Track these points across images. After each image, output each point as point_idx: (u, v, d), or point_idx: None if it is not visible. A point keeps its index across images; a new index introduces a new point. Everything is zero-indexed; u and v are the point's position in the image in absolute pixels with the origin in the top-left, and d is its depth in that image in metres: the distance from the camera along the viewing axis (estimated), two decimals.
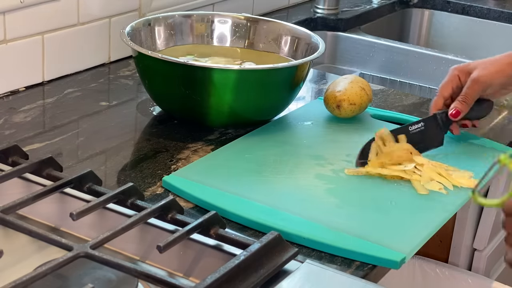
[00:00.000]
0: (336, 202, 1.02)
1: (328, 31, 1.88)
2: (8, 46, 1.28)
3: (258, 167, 1.10)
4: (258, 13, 1.80)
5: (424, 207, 1.03)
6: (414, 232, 0.97)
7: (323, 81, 1.51)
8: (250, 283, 0.79)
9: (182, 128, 1.22)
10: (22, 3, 1.27)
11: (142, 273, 0.77)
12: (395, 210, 1.02)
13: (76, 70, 1.41)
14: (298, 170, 1.10)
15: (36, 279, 0.74)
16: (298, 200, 1.02)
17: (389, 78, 1.84)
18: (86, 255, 0.78)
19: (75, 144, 1.16)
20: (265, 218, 0.96)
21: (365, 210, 1.01)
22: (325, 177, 1.08)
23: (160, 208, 0.88)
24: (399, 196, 1.05)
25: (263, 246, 0.82)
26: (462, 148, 1.22)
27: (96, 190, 0.92)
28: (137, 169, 1.09)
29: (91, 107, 1.28)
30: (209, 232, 0.85)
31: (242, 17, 1.40)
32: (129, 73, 1.44)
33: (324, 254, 0.92)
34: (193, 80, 1.17)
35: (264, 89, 1.20)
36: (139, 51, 1.19)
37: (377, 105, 1.37)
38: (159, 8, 1.53)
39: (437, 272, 1.29)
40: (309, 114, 1.29)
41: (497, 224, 1.38)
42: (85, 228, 0.91)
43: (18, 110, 1.24)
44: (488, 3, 2.11)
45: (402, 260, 0.90)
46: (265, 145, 1.17)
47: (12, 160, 0.98)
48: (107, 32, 1.46)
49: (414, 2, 2.15)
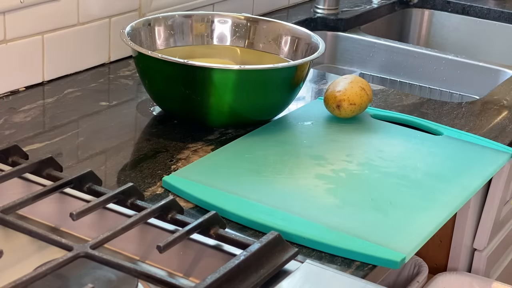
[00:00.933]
0: (336, 202, 1.02)
1: (328, 31, 1.88)
2: (8, 46, 1.28)
3: (258, 167, 1.10)
4: (258, 13, 1.80)
5: (424, 207, 1.03)
6: (414, 232, 0.97)
7: (323, 81, 1.51)
8: (250, 283, 0.79)
9: (182, 128, 1.22)
10: (22, 3, 1.27)
11: (142, 273, 0.77)
12: (395, 210, 1.02)
13: (76, 70, 1.41)
14: (298, 170, 1.10)
15: (36, 279, 0.74)
16: (298, 200, 1.02)
17: (389, 78, 1.84)
18: (86, 255, 0.78)
19: (75, 144, 1.16)
20: (265, 218, 0.96)
21: (365, 210, 1.01)
22: (325, 177, 1.08)
23: (160, 208, 0.88)
24: (399, 196, 1.05)
25: (263, 246, 0.82)
26: (462, 148, 1.22)
27: (96, 190, 0.92)
28: (137, 169, 1.09)
29: (91, 107, 1.28)
30: (209, 232, 0.85)
31: (242, 17, 1.40)
32: (129, 73, 1.44)
33: (324, 254, 0.92)
34: (193, 80, 1.17)
35: (264, 89, 1.20)
36: (139, 51, 1.19)
37: (377, 105, 1.37)
38: (159, 8, 1.53)
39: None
40: (309, 114, 1.29)
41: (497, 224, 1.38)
42: (85, 228, 0.91)
43: (18, 110, 1.24)
44: (488, 3, 2.11)
45: (402, 260, 0.91)
46: (265, 145, 1.17)
47: (12, 160, 0.98)
48: (107, 32, 1.46)
49: (414, 2, 2.15)
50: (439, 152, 1.20)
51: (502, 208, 1.38)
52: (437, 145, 1.22)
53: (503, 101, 1.44)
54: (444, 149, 1.21)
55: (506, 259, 1.51)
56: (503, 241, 1.44)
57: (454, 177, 1.12)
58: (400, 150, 1.19)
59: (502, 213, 1.39)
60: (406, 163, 1.15)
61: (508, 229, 1.47)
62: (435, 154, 1.19)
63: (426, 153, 1.19)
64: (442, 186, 1.09)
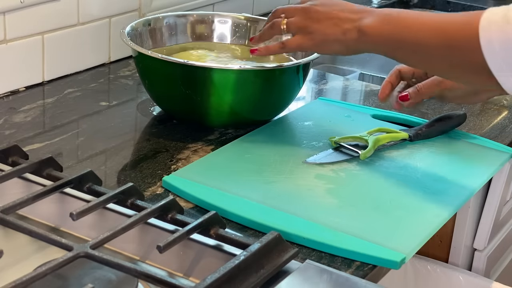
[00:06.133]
0: (336, 202, 1.02)
1: None
2: (8, 46, 1.28)
3: (258, 167, 1.10)
4: (258, 13, 1.80)
5: (424, 207, 1.03)
6: (414, 232, 0.97)
7: (323, 81, 1.51)
8: (250, 283, 0.79)
9: (182, 128, 1.22)
10: (22, 3, 1.27)
11: (142, 273, 0.77)
12: (395, 210, 1.02)
13: (76, 70, 1.41)
14: (298, 170, 1.10)
15: (36, 279, 0.74)
16: (298, 200, 1.02)
17: None
18: (86, 255, 0.78)
19: (75, 144, 1.16)
20: (265, 218, 0.96)
21: (365, 210, 1.01)
22: (325, 177, 1.08)
23: (160, 208, 0.88)
24: (399, 196, 1.05)
25: (263, 246, 0.82)
26: (462, 148, 1.22)
27: (96, 190, 0.92)
28: (137, 169, 1.09)
29: (91, 107, 1.28)
30: (209, 232, 0.85)
31: (242, 17, 1.40)
32: (129, 73, 1.44)
33: (324, 254, 0.92)
34: (193, 80, 1.17)
35: (264, 89, 1.20)
36: (139, 51, 1.19)
37: (377, 105, 1.37)
38: (159, 8, 1.53)
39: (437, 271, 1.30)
40: (309, 114, 1.29)
41: (497, 224, 1.38)
42: (85, 228, 0.91)
43: (18, 110, 1.24)
44: (488, 3, 2.11)
45: (402, 260, 0.90)
46: (265, 145, 1.17)
47: (12, 160, 0.98)
48: (107, 32, 1.46)
49: (414, 2, 2.15)
50: (439, 152, 1.20)
51: (502, 208, 1.38)
52: (437, 145, 1.22)
53: (503, 101, 1.44)
54: (444, 149, 1.21)
55: (506, 259, 1.51)
56: (503, 241, 1.44)
57: (454, 177, 1.12)
58: (400, 150, 1.19)
59: (502, 213, 1.39)
60: (406, 163, 1.15)
61: (508, 229, 1.47)
62: (435, 154, 1.19)
63: (426, 153, 1.19)
64: (442, 186, 1.09)
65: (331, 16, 1.06)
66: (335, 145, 1.17)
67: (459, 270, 1.30)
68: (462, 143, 1.24)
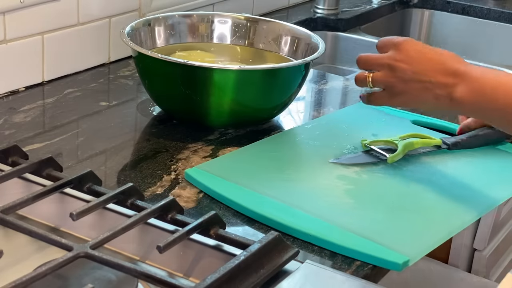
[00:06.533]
0: (351, 202, 1.02)
1: (328, 31, 1.88)
2: (8, 46, 1.28)
3: (282, 165, 1.10)
4: (258, 13, 1.80)
5: (440, 214, 1.01)
6: (424, 236, 0.95)
7: (323, 81, 1.51)
8: (250, 283, 0.79)
9: (182, 128, 1.22)
10: (22, 3, 1.27)
11: (142, 273, 0.77)
12: (409, 213, 1.00)
13: (76, 70, 1.41)
14: (322, 170, 1.10)
15: (36, 279, 0.74)
16: (313, 198, 1.02)
17: None
18: (86, 255, 0.78)
19: (75, 144, 1.16)
20: (272, 213, 0.96)
21: (378, 212, 1.00)
22: (347, 178, 1.08)
23: (160, 208, 0.88)
24: (417, 201, 1.04)
25: (263, 246, 0.82)
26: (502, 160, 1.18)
27: (96, 190, 0.92)
28: (137, 169, 1.09)
29: (91, 107, 1.28)
30: (209, 232, 0.85)
31: (242, 17, 1.40)
32: (129, 73, 1.44)
33: (325, 254, 0.92)
34: (193, 80, 1.17)
35: (264, 89, 1.20)
36: (139, 51, 1.19)
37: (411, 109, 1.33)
38: (159, 8, 1.53)
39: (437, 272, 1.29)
40: (345, 117, 1.28)
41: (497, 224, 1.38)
42: (85, 228, 0.91)
43: (18, 110, 1.24)
44: (488, 3, 2.11)
45: (405, 262, 0.89)
46: (293, 144, 1.17)
47: (12, 160, 0.98)
48: (107, 32, 1.46)
49: (414, 2, 2.15)
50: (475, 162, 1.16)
51: (502, 208, 1.38)
52: (477, 155, 1.17)
53: None
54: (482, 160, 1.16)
55: (506, 259, 1.51)
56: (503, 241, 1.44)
57: (480, 187, 1.08)
58: (434, 157, 1.16)
59: (502, 213, 1.39)
60: (436, 169, 1.13)
61: (508, 229, 1.47)
62: (469, 164, 1.15)
63: (462, 162, 1.15)
64: (465, 195, 1.06)
65: (420, 79, 1.01)
66: (366, 148, 1.15)
67: (459, 270, 1.30)
68: (505, 154, 1.19)
